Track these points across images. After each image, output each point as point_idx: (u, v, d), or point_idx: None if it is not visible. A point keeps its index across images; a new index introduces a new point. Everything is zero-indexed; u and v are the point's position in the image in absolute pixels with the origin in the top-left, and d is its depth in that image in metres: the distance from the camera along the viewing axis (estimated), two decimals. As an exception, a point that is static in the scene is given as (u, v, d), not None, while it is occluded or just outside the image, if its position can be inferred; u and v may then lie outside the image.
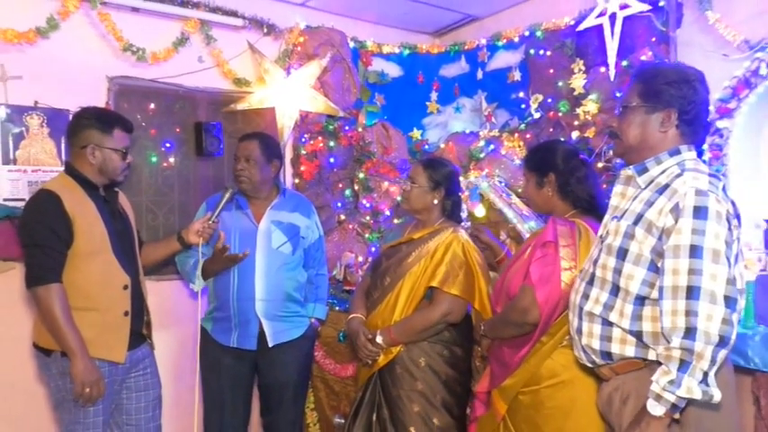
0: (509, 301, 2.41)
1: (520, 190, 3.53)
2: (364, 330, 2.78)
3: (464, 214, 3.51)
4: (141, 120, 3.48)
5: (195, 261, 2.98)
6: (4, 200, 3.04)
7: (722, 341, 1.69)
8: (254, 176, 3.06)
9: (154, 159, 3.56)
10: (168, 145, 3.60)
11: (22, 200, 3.04)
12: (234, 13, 3.70)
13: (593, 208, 2.43)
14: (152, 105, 3.54)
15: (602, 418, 2.08)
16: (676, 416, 1.75)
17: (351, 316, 2.90)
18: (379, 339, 2.72)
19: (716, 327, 1.68)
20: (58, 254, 2.43)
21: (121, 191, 2.82)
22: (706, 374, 1.69)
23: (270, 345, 3.02)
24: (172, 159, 3.63)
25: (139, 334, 2.69)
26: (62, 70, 3.20)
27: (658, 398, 1.73)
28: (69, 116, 3.08)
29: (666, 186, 1.86)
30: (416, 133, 4.47)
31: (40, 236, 2.42)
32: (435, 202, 2.83)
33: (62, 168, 3.04)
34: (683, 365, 1.69)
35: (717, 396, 1.70)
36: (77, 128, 2.59)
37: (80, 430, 2.49)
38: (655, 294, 1.82)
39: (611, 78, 3.35)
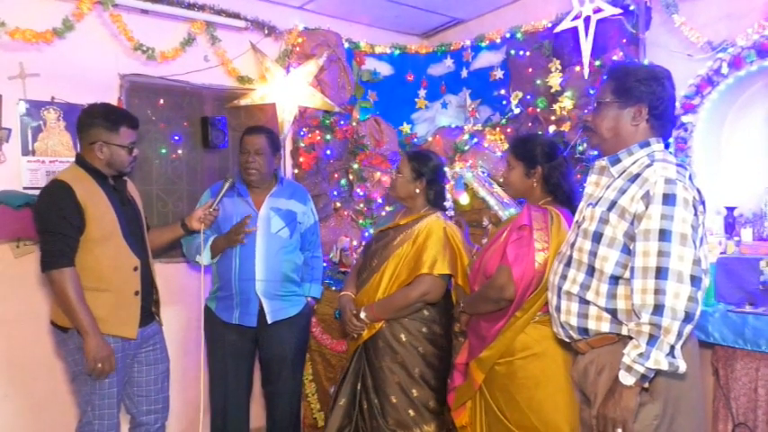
0: (486, 280, 2.41)
1: (501, 180, 3.52)
2: (351, 307, 2.81)
3: (448, 203, 3.50)
4: (151, 114, 3.44)
5: (204, 239, 2.97)
6: (24, 188, 3.01)
7: (688, 317, 1.69)
8: (263, 168, 3.04)
9: (163, 151, 3.52)
10: (177, 138, 3.56)
11: (41, 188, 3.00)
12: (237, 16, 3.66)
13: (569, 200, 2.44)
14: (161, 101, 3.50)
15: (578, 388, 2.08)
16: (646, 385, 1.75)
17: (341, 293, 2.94)
18: (362, 315, 2.74)
19: (682, 304, 1.68)
20: (70, 240, 2.40)
21: (134, 181, 2.80)
22: (673, 348, 1.69)
23: (269, 322, 3.00)
24: (180, 151, 3.59)
25: (149, 312, 2.67)
26: (77, 68, 3.16)
27: (629, 369, 1.73)
28: (84, 111, 3.06)
29: (638, 176, 1.85)
30: (406, 127, 4.45)
31: (53, 223, 2.39)
32: (417, 191, 2.83)
33: (76, 159, 3.02)
34: (652, 339, 1.69)
35: (682, 367, 1.71)
36: (86, 125, 2.54)
37: (96, 400, 2.48)
38: (628, 274, 1.82)
39: (586, 77, 3.34)
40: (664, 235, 1.72)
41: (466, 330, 2.64)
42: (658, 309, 1.69)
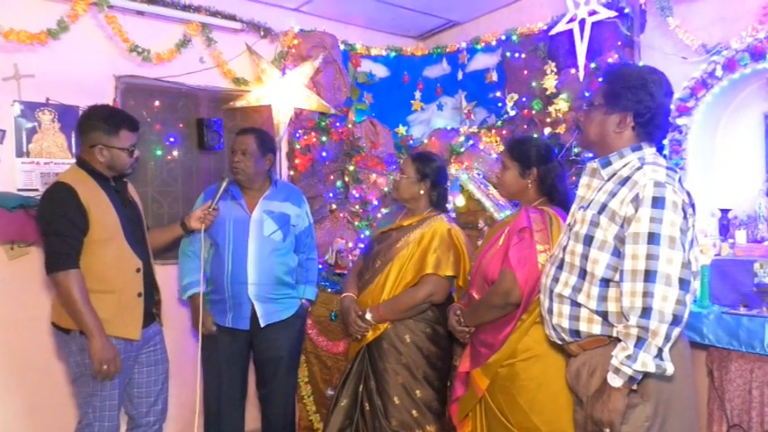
0: (486, 285, 2.41)
1: (496, 180, 3.53)
2: (355, 308, 2.79)
3: (450, 205, 3.51)
4: (146, 116, 3.44)
5: (194, 281, 3.03)
6: (18, 190, 3.01)
7: (675, 320, 1.70)
8: (249, 168, 3.04)
9: (159, 153, 3.53)
10: (172, 139, 3.57)
11: (35, 190, 3.02)
12: (233, 17, 3.67)
13: (563, 203, 2.45)
14: (157, 103, 3.51)
15: (571, 390, 2.09)
16: (634, 387, 1.77)
17: (344, 295, 2.92)
18: (368, 316, 2.74)
19: (670, 306, 1.69)
20: (75, 241, 2.41)
21: (129, 181, 2.80)
22: (660, 350, 1.70)
23: (261, 325, 3.01)
24: (175, 153, 3.60)
25: (150, 313, 2.68)
26: (72, 69, 3.16)
27: (617, 371, 1.74)
28: (79, 112, 3.07)
29: (628, 178, 1.86)
30: (402, 129, 4.47)
31: (57, 225, 2.40)
32: (422, 192, 2.84)
33: (72, 161, 3.03)
34: (640, 342, 1.71)
35: (669, 369, 1.72)
36: (86, 129, 2.55)
37: (97, 402, 2.49)
38: (618, 277, 1.83)
39: (581, 79, 3.36)
40: (652, 238, 1.73)
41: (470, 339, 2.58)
42: (646, 311, 1.70)
